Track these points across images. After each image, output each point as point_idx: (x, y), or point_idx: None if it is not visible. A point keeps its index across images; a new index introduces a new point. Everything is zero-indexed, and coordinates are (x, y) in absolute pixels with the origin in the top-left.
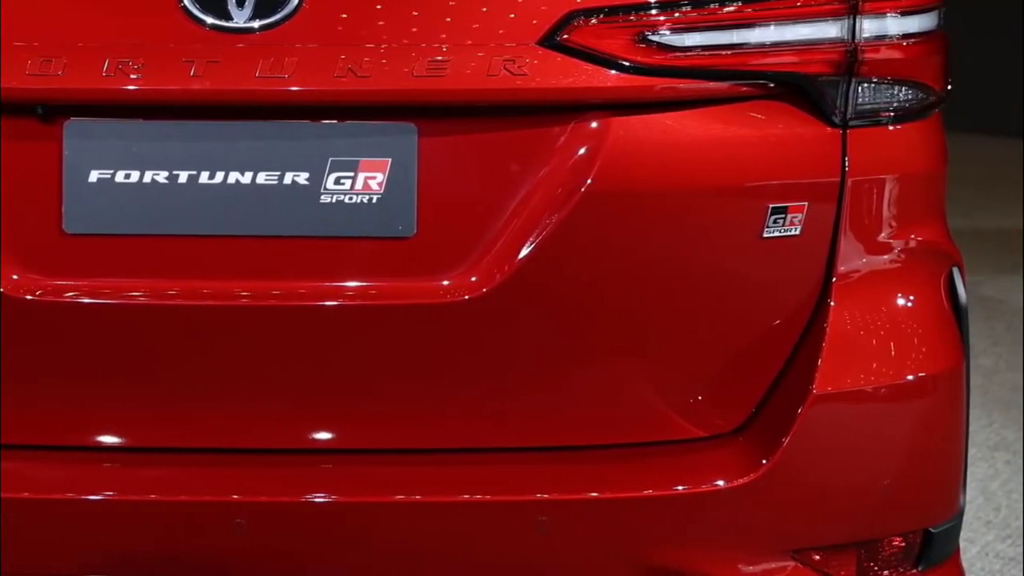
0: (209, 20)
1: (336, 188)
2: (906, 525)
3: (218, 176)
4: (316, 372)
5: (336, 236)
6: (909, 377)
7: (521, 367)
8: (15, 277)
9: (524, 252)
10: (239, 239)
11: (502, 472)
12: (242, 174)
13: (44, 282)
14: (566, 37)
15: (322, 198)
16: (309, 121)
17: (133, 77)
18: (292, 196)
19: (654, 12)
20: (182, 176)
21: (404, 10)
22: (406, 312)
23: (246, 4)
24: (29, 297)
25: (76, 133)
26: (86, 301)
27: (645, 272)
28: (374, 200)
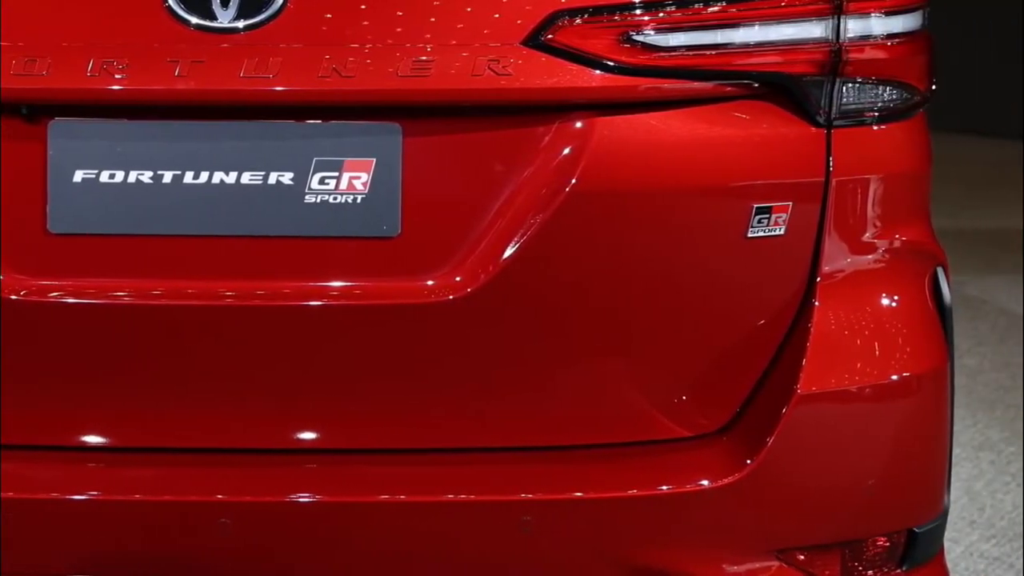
0: (194, 20)
1: (321, 188)
2: (890, 525)
3: (203, 176)
4: (301, 372)
5: (321, 236)
6: (894, 377)
7: (506, 367)
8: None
9: (508, 252)
10: (224, 239)
11: (486, 472)
12: (227, 174)
13: (28, 282)
14: (550, 37)
15: (307, 198)
16: (294, 121)
17: (118, 77)
18: (277, 196)
19: (638, 12)
20: (167, 176)
21: (388, 10)
22: (391, 312)
23: (231, 4)
24: (13, 297)
25: (61, 133)
26: (71, 301)
27: (630, 272)
28: (359, 200)
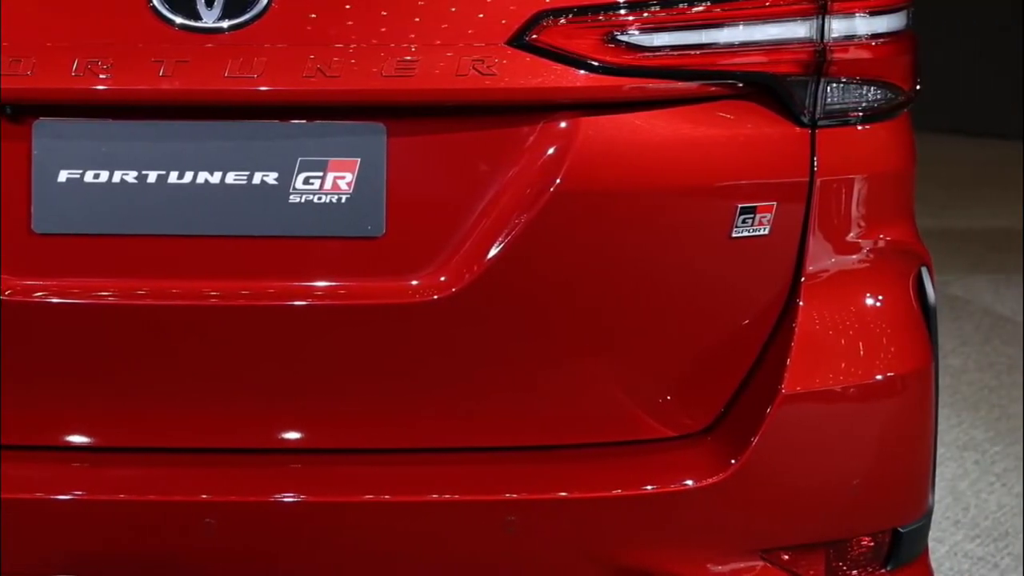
0: (178, 20)
1: (305, 188)
2: (875, 525)
3: (187, 176)
4: (286, 372)
5: (305, 236)
6: (878, 377)
7: (490, 367)
8: None
9: (493, 252)
10: (208, 239)
11: (471, 472)
12: (211, 174)
13: (13, 282)
14: (535, 37)
15: (291, 198)
16: (278, 121)
17: (102, 77)
18: (261, 196)
19: (623, 12)
20: (151, 176)
21: (373, 10)
22: (375, 312)
23: (215, 4)
24: None
25: (45, 133)
26: (55, 301)
27: (614, 272)
28: (343, 200)
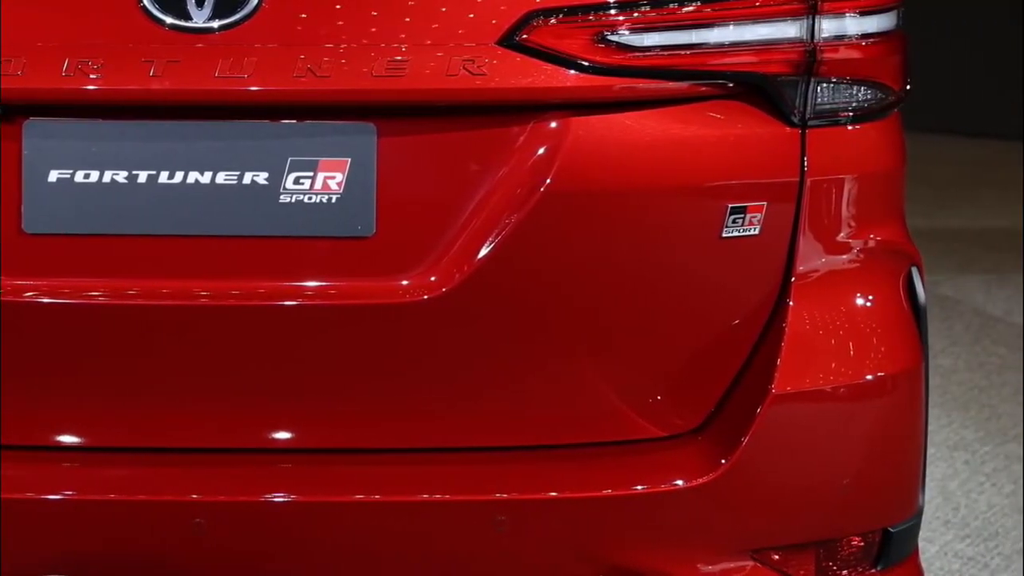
0: (168, 20)
1: (295, 188)
2: (865, 525)
3: (178, 176)
4: (276, 372)
5: (295, 236)
6: (868, 377)
7: (480, 367)
8: None
9: (483, 252)
10: (198, 239)
11: (461, 471)
12: (201, 174)
13: (4, 282)
14: (525, 37)
15: (281, 198)
16: (268, 121)
17: (93, 77)
18: (251, 196)
19: (613, 12)
20: (142, 176)
21: (363, 10)
22: (365, 312)
23: (205, 4)
24: None
25: (36, 133)
26: (46, 301)
27: (604, 272)
28: (333, 200)
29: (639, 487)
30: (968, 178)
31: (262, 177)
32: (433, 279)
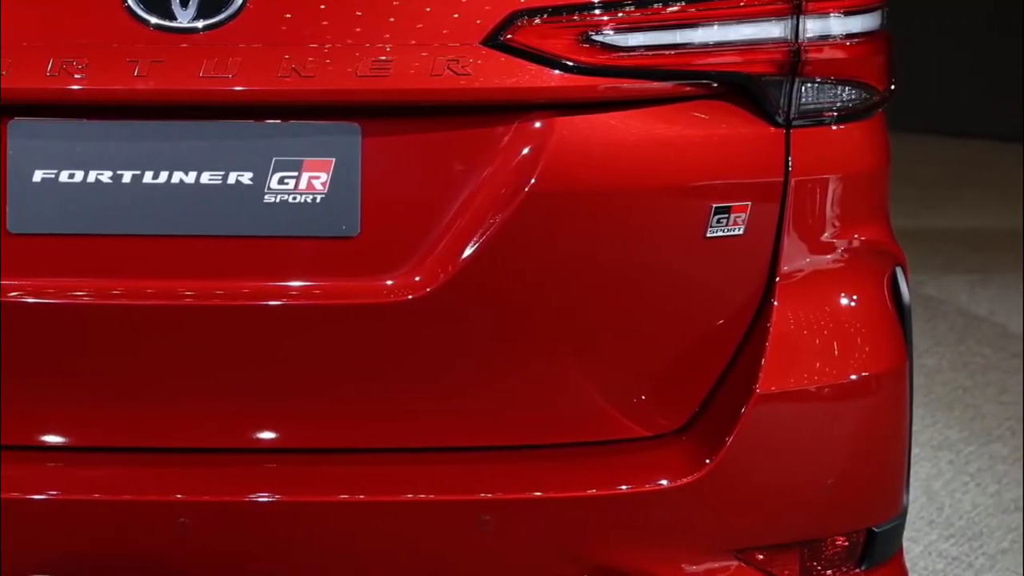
0: (153, 20)
1: (280, 188)
2: (849, 525)
3: (162, 176)
4: (261, 372)
5: (280, 236)
6: (853, 377)
7: (465, 367)
8: None
9: (468, 252)
10: (183, 239)
11: (446, 471)
12: (186, 174)
13: None
14: (510, 37)
15: (266, 198)
16: (253, 121)
17: (77, 77)
18: (236, 196)
19: (598, 12)
20: (126, 176)
21: (348, 10)
22: (350, 312)
23: (190, 4)
24: None
25: (20, 133)
26: (30, 301)
27: (589, 272)
28: (318, 200)
29: (623, 487)
30: (952, 178)
31: (247, 177)
32: (417, 279)
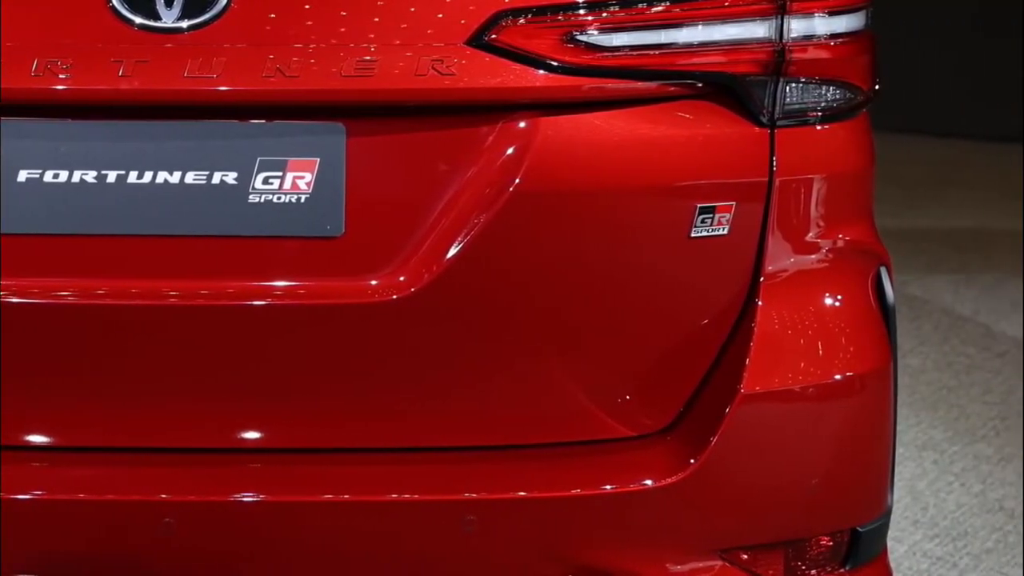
0: (138, 20)
1: (264, 188)
2: (834, 524)
3: (147, 176)
4: (245, 371)
5: (264, 236)
6: (837, 377)
7: (450, 367)
8: None
9: (452, 252)
10: (168, 239)
11: (430, 471)
12: (171, 174)
13: None
14: (494, 37)
15: (250, 198)
16: (238, 121)
17: (62, 77)
18: (221, 196)
19: (582, 12)
20: (111, 176)
21: (332, 10)
22: (334, 312)
23: (174, 4)
24: None
25: (4, 133)
26: (15, 300)
27: (574, 272)
28: (302, 200)
29: (608, 487)
30: (937, 178)
31: (231, 177)
32: (402, 279)
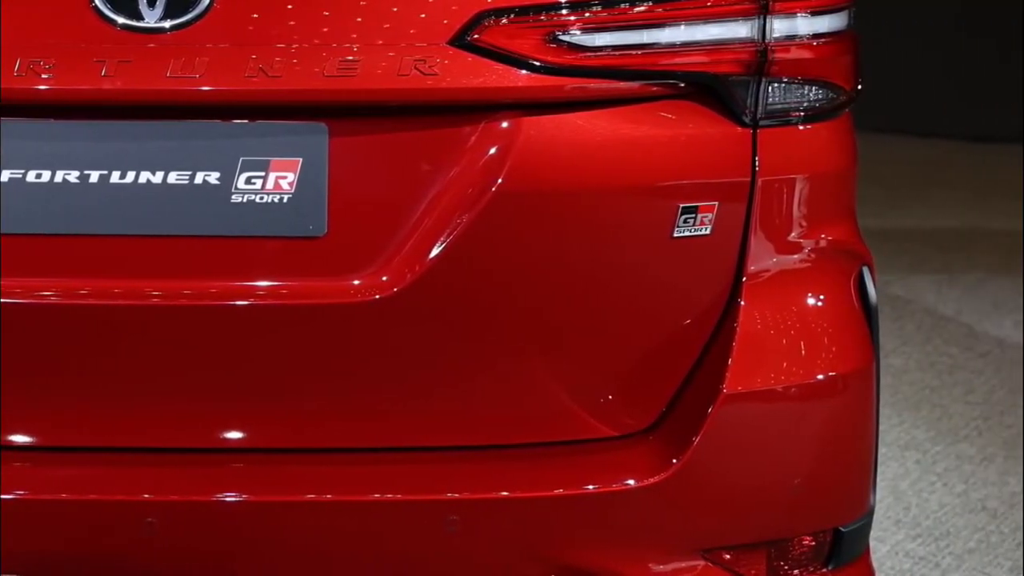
0: (120, 20)
1: (247, 188)
2: (816, 524)
3: (129, 176)
4: (227, 371)
5: (247, 236)
6: (819, 376)
7: (432, 367)
8: None
9: (435, 252)
10: (150, 239)
11: (413, 471)
12: (153, 174)
13: None
14: (477, 37)
15: (233, 198)
16: (220, 121)
17: (44, 77)
18: (203, 196)
19: (564, 12)
20: (93, 176)
21: (315, 10)
22: (317, 312)
23: (157, 4)
24: None
25: None
26: None
27: (556, 272)
28: (285, 200)
29: (590, 487)
30: (919, 178)
31: (214, 177)
32: (384, 279)
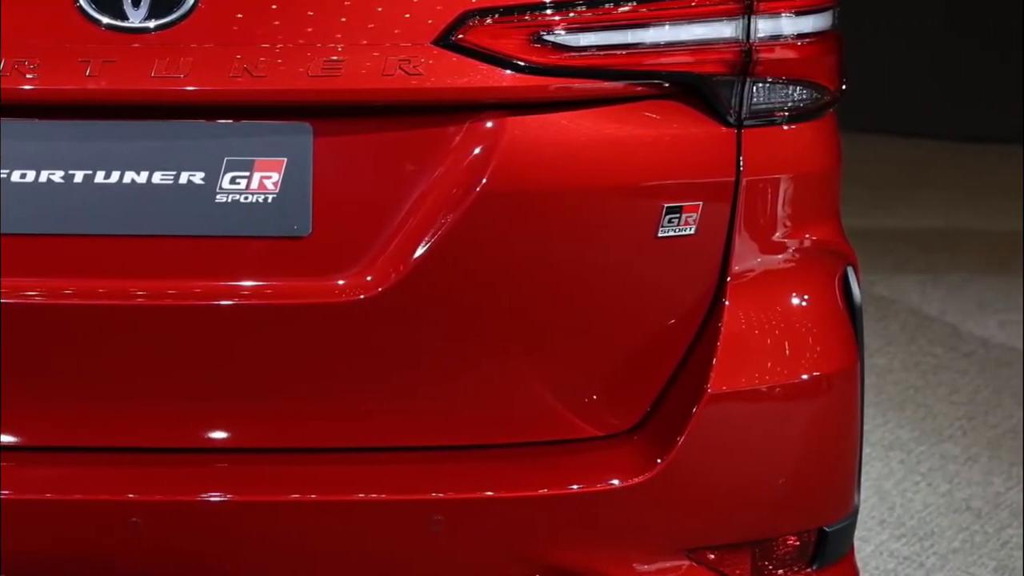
0: (105, 20)
1: (232, 188)
2: (800, 524)
3: (114, 176)
4: (212, 371)
5: (231, 236)
6: (804, 376)
7: (417, 366)
8: None
9: (419, 251)
10: (134, 238)
11: (397, 471)
12: (138, 174)
13: None
14: (461, 37)
15: (217, 198)
16: (205, 121)
17: (29, 77)
18: (187, 196)
19: (549, 12)
20: (78, 176)
21: (299, 10)
22: (301, 312)
23: (141, 4)
24: None
25: None
26: None
27: (540, 272)
28: (269, 200)
29: (575, 487)
30: (904, 178)
31: (198, 177)
32: (369, 279)
